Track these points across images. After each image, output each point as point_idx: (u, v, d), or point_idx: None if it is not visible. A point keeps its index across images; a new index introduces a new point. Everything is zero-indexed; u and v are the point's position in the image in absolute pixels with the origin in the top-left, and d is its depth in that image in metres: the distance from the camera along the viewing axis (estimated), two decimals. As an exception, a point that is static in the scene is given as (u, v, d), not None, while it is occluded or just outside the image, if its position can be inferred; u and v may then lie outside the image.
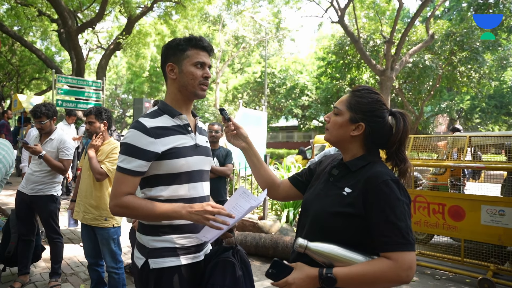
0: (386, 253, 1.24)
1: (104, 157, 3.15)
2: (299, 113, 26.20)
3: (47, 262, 4.25)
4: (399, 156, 1.41)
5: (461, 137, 4.78)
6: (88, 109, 3.29)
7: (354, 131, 1.41)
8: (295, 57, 30.39)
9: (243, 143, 1.72)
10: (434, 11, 15.49)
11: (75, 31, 12.60)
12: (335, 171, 1.48)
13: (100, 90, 11.17)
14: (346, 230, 1.33)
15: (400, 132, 1.39)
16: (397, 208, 1.26)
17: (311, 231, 1.42)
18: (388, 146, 1.42)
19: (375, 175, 1.32)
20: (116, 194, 1.54)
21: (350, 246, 1.32)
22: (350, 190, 1.36)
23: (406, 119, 1.41)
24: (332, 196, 1.40)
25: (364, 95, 1.43)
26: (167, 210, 1.50)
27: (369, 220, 1.29)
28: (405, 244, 1.23)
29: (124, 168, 1.53)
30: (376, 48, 17.42)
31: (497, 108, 24.72)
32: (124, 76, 29.34)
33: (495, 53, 18.13)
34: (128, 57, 20.06)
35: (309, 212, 1.46)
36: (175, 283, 1.57)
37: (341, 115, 1.44)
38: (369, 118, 1.40)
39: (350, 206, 1.32)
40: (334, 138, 1.47)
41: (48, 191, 3.56)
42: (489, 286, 4.01)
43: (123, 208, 1.53)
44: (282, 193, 1.71)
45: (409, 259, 1.22)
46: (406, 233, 1.24)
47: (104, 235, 3.13)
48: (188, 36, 1.66)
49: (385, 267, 1.22)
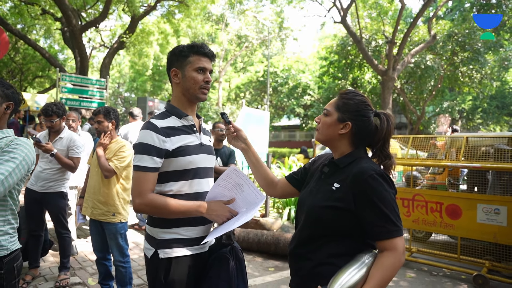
0: (382, 241, 1.39)
1: (112, 155, 3.27)
2: (301, 112, 26.32)
3: (55, 257, 4.39)
4: (384, 153, 1.55)
5: (459, 138, 4.88)
6: (97, 109, 3.41)
7: (342, 130, 1.56)
8: (298, 57, 30.45)
9: (242, 145, 1.87)
10: (437, 12, 15.55)
11: (79, 30, 12.72)
12: (326, 169, 1.62)
13: (103, 88, 11.30)
14: (336, 222, 1.46)
15: (384, 130, 1.54)
16: (385, 199, 1.40)
17: (305, 224, 1.55)
18: (374, 143, 1.58)
19: (361, 170, 1.44)
20: (140, 192, 1.66)
21: (340, 237, 1.46)
22: (339, 185, 1.49)
23: (389, 120, 1.55)
24: (323, 191, 1.53)
25: (351, 97, 1.57)
26: (189, 209, 1.68)
27: (360, 213, 1.42)
28: (397, 231, 1.39)
29: (144, 166, 1.66)
30: (378, 48, 17.49)
31: (498, 109, 24.74)
32: (126, 75, 29.50)
33: (496, 54, 18.17)
34: (131, 56, 20.18)
35: (303, 208, 1.60)
36: (183, 271, 1.71)
37: (330, 115, 1.58)
38: (356, 117, 1.54)
39: (339, 201, 1.45)
40: (324, 137, 1.62)
41: (58, 188, 3.69)
42: (484, 282, 4.12)
43: (149, 206, 1.66)
44: (279, 190, 1.85)
45: (402, 243, 1.39)
46: (396, 220, 1.40)
47: (112, 230, 3.25)
48: (191, 43, 1.79)
49: (391, 260, 1.37)
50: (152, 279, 1.75)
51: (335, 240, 1.47)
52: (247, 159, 1.88)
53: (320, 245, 1.49)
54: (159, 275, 1.71)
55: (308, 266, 1.51)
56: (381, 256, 1.39)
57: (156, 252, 1.71)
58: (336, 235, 1.47)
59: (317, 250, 1.50)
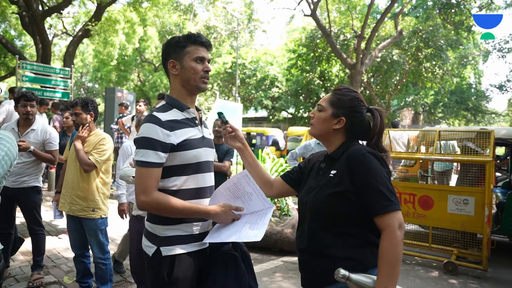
0: (379, 218, 1.41)
1: (92, 148, 3.13)
2: (269, 104, 26.36)
3: (26, 255, 4.18)
4: (379, 147, 1.59)
5: (431, 132, 5.08)
6: (74, 100, 3.25)
7: (336, 125, 1.60)
8: (266, 49, 30.42)
9: (239, 144, 1.85)
10: (403, 8, 16.02)
11: (40, 15, 12.04)
12: (323, 164, 1.66)
13: (68, 78, 10.78)
14: (341, 208, 1.48)
15: (377, 126, 1.59)
16: (378, 175, 1.44)
17: (313, 219, 1.56)
18: (368, 138, 1.61)
19: (353, 151, 1.51)
20: (145, 189, 1.59)
21: (350, 227, 1.48)
22: (335, 171, 1.53)
23: (382, 115, 1.61)
24: (323, 183, 1.56)
25: (344, 93, 1.62)
26: (195, 211, 1.66)
27: (357, 191, 1.46)
28: (390, 205, 1.41)
29: (147, 162, 1.59)
30: (347, 42, 17.80)
31: (457, 104, 26.01)
32: (90, 64, 28.32)
33: (456, 51, 19.00)
34: (96, 45, 19.39)
35: (306, 204, 1.61)
36: (186, 268, 1.67)
37: (324, 111, 1.62)
38: (349, 113, 1.59)
39: (339, 185, 1.49)
40: (318, 132, 1.66)
41: (32, 183, 3.50)
42: (453, 268, 4.37)
43: (153, 205, 1.60)
44: (275, 190, 1.86)
45: (398, 218, 1.40)
46: (390, 195, 1.42)
47: (92, 226, 3.14)
48: (187, 33, 1.76)
49: (386, 243, 1.37)
50: (155, 277, 1.70)
51: (348, 232, 1.49)
52: (243, 159, 1.87)
53: (334, 240, 1.50)
54: (162, 273, 1.66)
55: (326, 262, 1.50)
56: (380, 242, 1.40)
57: (158, 250, 1.67)
58: (347, 226, 1.48)
59: (331, 245, 1.50)
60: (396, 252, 1.37)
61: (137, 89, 26.18)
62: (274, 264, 4.63)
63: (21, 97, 3.40)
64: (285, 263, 4.69)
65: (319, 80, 22.13)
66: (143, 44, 24.08)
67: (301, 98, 23.77)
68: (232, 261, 1.73)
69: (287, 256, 4.92)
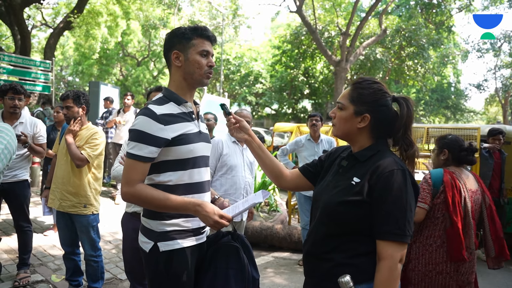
0: (382, 242, 1.32)
1: (84, 142, 3.03)
2: (252, 100, 26.32)
3: (10, 254, 4.04)
4: (406, 141, 1.43)
5: (420, 129, 5.16)
6: (65, 92, 3.14)
7: (361, 123, 1.44)
8: (250, 45, 30.33)
9: (245, 135, 1.74)
10: (387, 7, 16.22)
11: (19, 5, 11.61)
12: (344, 162, 1.51)
13: (49, 71, 10.47)
14: (354, 218, 1.37)
15: (404, 117, 1.42)
16: (399, 199, 1.31)
17: (321, 221, 1.47)
18: (394, 132, 1.45)
19: (383, 165, 1.36)
20: (128, 181, 1.57)
21: (358, 235, 1.38)
22: (359, 180, 1.39)
23: (409, 104, 1.45)
24: (341, 186, 1.43)
25: (365, 86, 1.45)
26: (178, 205, 1.57)
27: (373, 206, 1.34)
28: (399, 235, 1.30)
29: (136, 155, 1.56)
30: (331, 39, 17.93)
31: (438, 101, 26.62)
32: (71, 57, 27.56)
33: (437, 50, 19.38)
34: (77, 38, 18.88)
35: (319, 203, 1.50)
36: (184, 263, 1.66)
37: (345, 109, 1.47)
38: (373, 108, 1.43)
39: (358, 194, 1.36)
40: (342, 133, 1.51)
41: (23, 176, 3.41)
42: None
43: (135, 197, 1.58)
44: (291, 182, 1.74)
45: (400, 252, 1.30)
46: (403, 224, 1.29)
47: (83, 222, 3.05)
48: (193, 25, 1.72)
49: (388, 274, 1.29)
50: (152, 273, 1.67)
51: (354, 239, 1.39)
52: (252, 151, 1.76)
53: (338, 245, 1.41)
54: (160, 269, 1.64)
55: (326, 266, 1.42)
56: (378, 271, 1.32)
57: (155, 245, 1.64)
58: (355, 233, 1.39)
59: (335, 250, 1.41)
60: (395, 287, 1.30)
61: (119, 84, 25.65)
62: (265, 260, 4.63)
63: (9, 90, 3.27)
64: (276, 258, 4.69)
65: (303, 77, 22.25)
66: (126, 38, 23.57)
67: (285, 94, 23.85)
68: (233, 252, 1.71)
69: (277, 251, 4.93)
